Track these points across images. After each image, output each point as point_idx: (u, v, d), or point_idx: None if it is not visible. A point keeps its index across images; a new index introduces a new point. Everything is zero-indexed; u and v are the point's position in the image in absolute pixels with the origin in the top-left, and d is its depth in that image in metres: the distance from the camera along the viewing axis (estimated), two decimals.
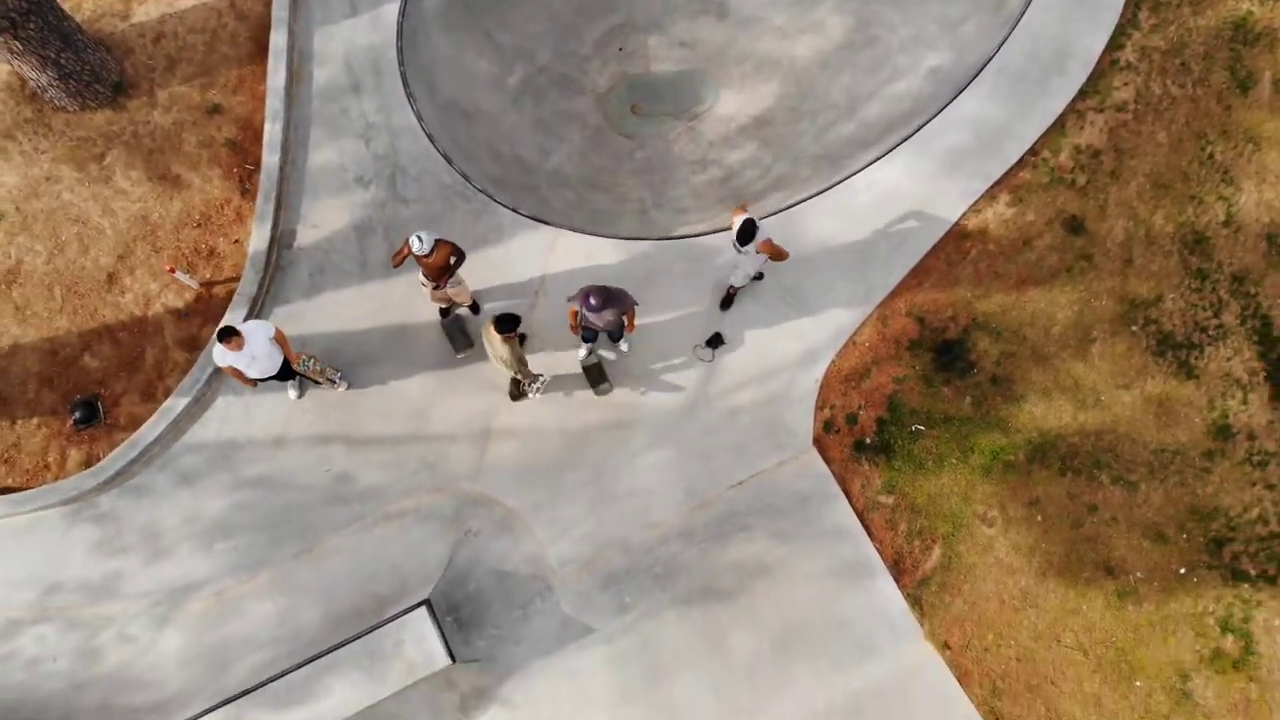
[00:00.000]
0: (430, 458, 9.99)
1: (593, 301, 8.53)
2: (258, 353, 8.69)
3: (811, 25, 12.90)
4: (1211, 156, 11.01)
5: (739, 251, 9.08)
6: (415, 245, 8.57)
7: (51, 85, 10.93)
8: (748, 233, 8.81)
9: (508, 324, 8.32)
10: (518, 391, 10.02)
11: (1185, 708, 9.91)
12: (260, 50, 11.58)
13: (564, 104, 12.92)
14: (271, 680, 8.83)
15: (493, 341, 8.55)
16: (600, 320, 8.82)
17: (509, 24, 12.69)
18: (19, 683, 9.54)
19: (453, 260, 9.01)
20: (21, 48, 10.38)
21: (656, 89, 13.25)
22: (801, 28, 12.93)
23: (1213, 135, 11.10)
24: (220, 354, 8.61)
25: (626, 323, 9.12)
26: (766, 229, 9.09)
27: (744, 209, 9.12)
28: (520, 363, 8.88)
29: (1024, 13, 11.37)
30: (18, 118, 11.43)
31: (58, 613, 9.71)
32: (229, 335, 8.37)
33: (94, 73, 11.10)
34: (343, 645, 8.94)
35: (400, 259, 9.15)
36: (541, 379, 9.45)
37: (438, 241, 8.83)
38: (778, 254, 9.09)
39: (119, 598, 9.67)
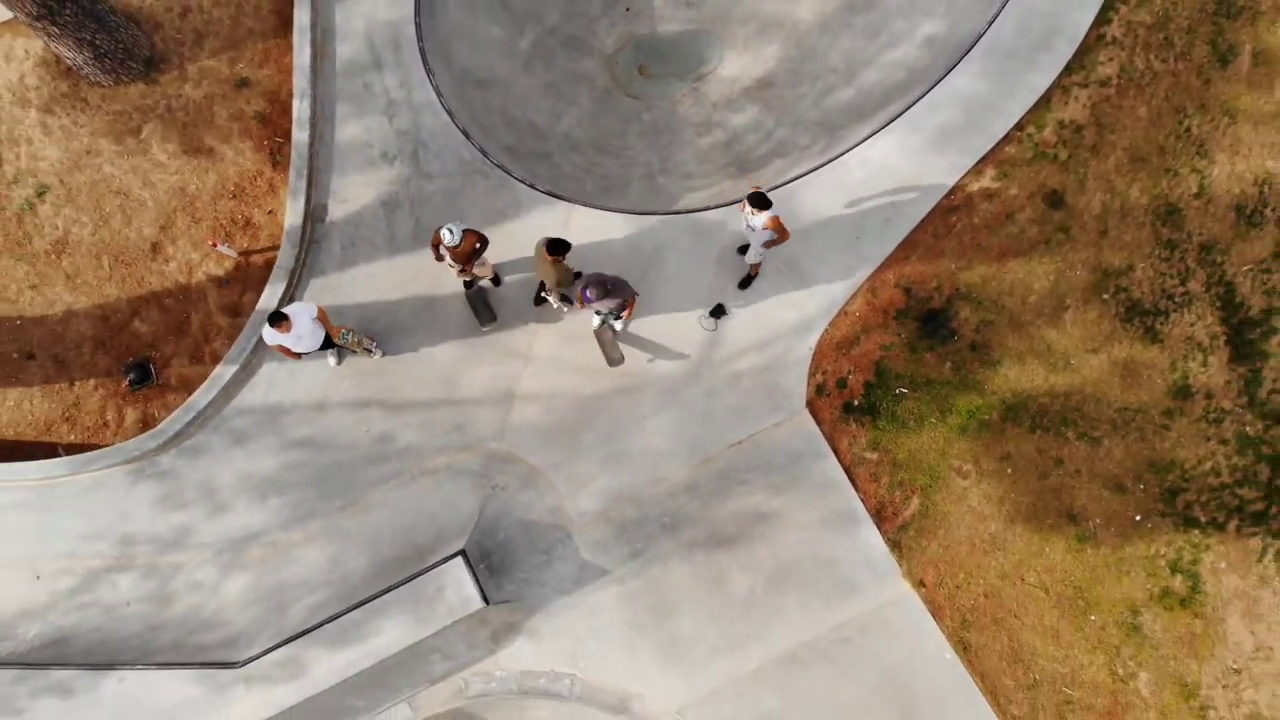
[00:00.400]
0: (459, 419, 11.02)
1: (589, 294, 9.43)
2: (303, 332, 9.59)
3: None
4: (1188, 130, 11.65)
5: (748, 225, 9.85)
6: (446, 238, 9.38)
7: (87, 64, 11.51)
8: (764, 201, 9.54)
9: (558, 248, 9.29)
10: (541, 299, 10.95)
11: (1135, 639, 11.19)
12: (283, 23, 12.07)
13: (573, 65, 13.43)
14: (328, 620, 10.08)
15: (544, 260, 9.48)
16: (601, 307, 9.72)
17: None
18: (96, 626, 10.78)
19: (478, 246, 9.82)
20: (59, 31, 10.93)
21: (662, 49, 13.73)
22: None
23: (1191, 109, 11.71)
24: (270, 335, 9.52)
25: (626, 310, 9.99)
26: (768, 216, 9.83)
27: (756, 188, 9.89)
28: (560, 284, 9.96)
29: None
30: (55, 93, 12.02)
31: (128, 562, 10.88)
32: (279, 320, 9.27)
33: (126, 49, 11.65)
34: (389, 590, 10.15)
35: (436, 250, 9.94)
36: (570, 308, 10.56)
37: (465, 231, 9.62)
38: (782, 231, 9.86)
39: (185, 548, 10.83)
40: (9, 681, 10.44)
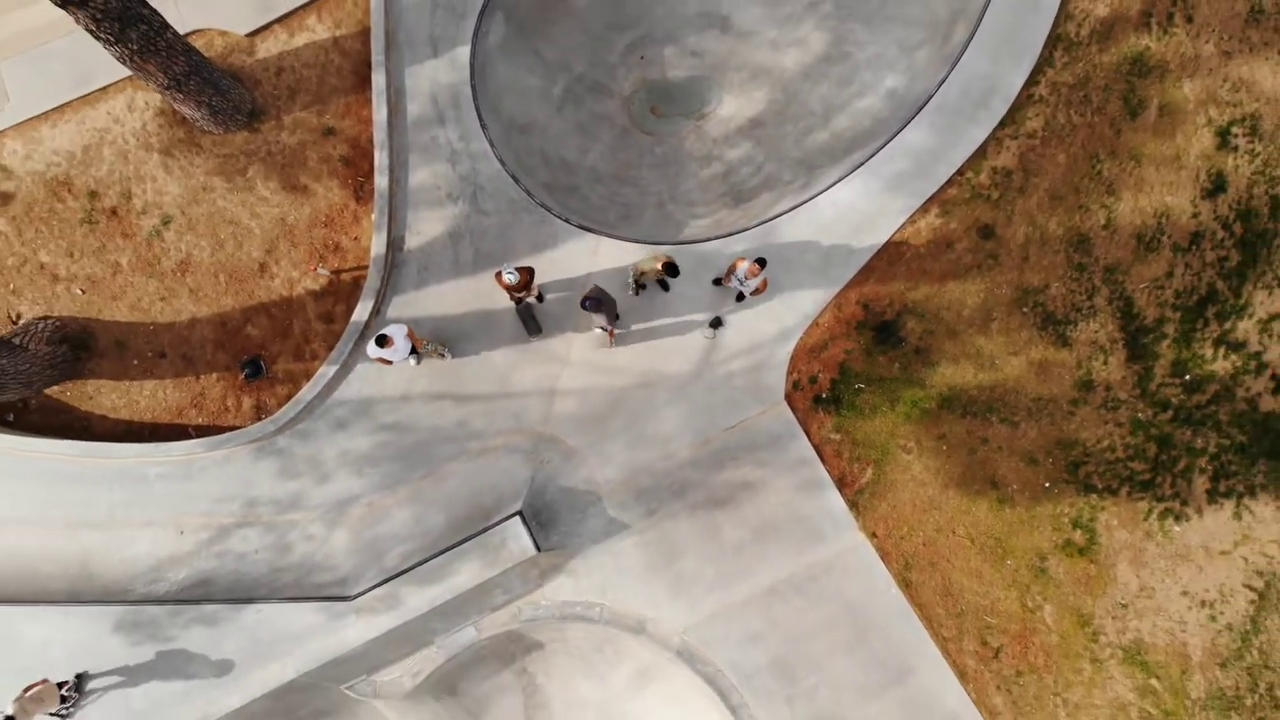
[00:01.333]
0: (514, 408, 14.02)
1: (586, 305, 12.42)
2: (399, 347, 12.52)
3: (797, 40, 15.88)
4: (1100, 173, 14.40)
5: (741, 278, 12.79)
6: (508, 279, 12.25)
7: (203, 118, 14.18)
8: (764, 262, 12.55)
9: (672, 270, 12.68)
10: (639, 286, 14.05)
11: (1042, 580, 14.31)
12: (361, 81, 14.72)
13: (597, 107, 16.07)
14: (417, 565, 13.22)
15: (647, 267, 12.99)
16: (596, 316, 12.72)
17: (552, 39, 15.66)
18: (232, 570, 13.91)
19: (531, 278, 12.68)
20: (184, 97, 13.59)
21: (671, 92, 16.36)
22: (789, 41, 15.91)
23: (1103, 155, 14.44)
24: (374, 350, 12.45)
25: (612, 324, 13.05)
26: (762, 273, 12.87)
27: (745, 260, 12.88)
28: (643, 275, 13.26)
29: (964, 52, 14.41)
30: (173, 138, 14.72)
31: (254, 519, 13.97)
32: (384, 341, 12.21)
33: (234, 105, 14.30)
34: (463, 541, 13.28)
35: (500, 282, 12.77)
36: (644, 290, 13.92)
37: (519, 269, 12.48)
38: (764, 286, 12.81)
39: (299, 509, 13.91)
40: (165, 615, 13.60)
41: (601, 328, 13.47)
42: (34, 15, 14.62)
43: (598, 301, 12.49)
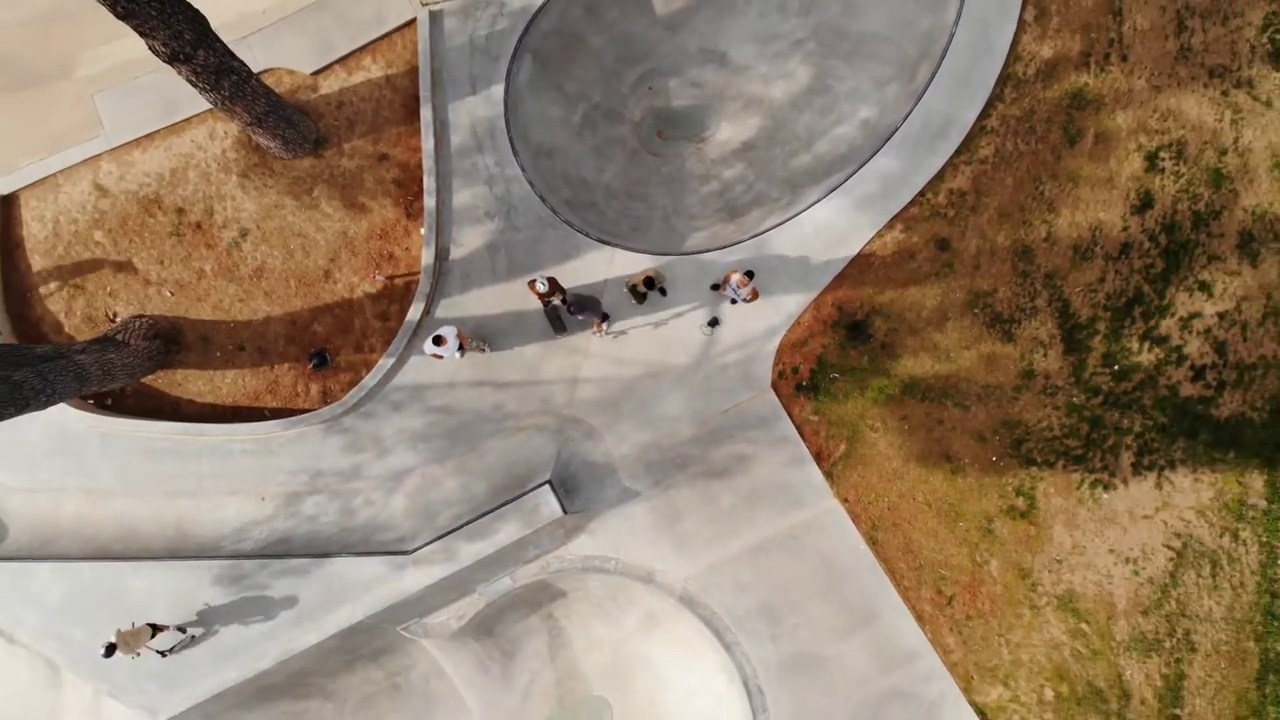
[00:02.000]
0: (543, 394, 16.63)
1: (572, 309, 15.02)
2: (450, 345, 15.11)
3: (785, 73, 18.31)
4: (1042, 193, 16.86)
5: (734, 288, 15.35)
6: (540, 287, 14.82)
7: (275, 146, 16.68)
8: (752, 274, 15.10)
9: (650, 284, 15.49)
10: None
11: (989, 539, 16.93)
12: (410, 114, 17.19)
13: (611, 132, 18.54)
14: (465, 524, 15.90)
15: (635, 280, 15.80)
16: (580, 316, 15.32)
17: (572, 75, 18.10)
18: (306, 530, 16.59)
19: (557, 286, 15.24)
20: (262, 130, 16.08)
21: (675, 118, 18.82)
22: (778, 75, 18.34)
23: (1045, 178, 16.90)
24: (430, 348, 15.05)
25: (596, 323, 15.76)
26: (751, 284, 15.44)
27: (737, 272, 15.40)
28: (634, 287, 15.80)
29: (927, 88, 16.84)
30: (249, 164, 17.22)
31: (325, 487, 16.64)
32: (440, 340, 14.79)
33: (302, 135, 16.79)
34: (503, 506, 15.95)
35: (533, 289, 15.32)
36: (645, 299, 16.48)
37: (548, 279, 15.04)
38: (755, 295, 15.39)
39: (362, 478, 16.57)
40: (251, 568, 16.29)
41: (593, 321, 16.08)
42: (124, 49, 16.98)
43: (580, 304, 15.03)
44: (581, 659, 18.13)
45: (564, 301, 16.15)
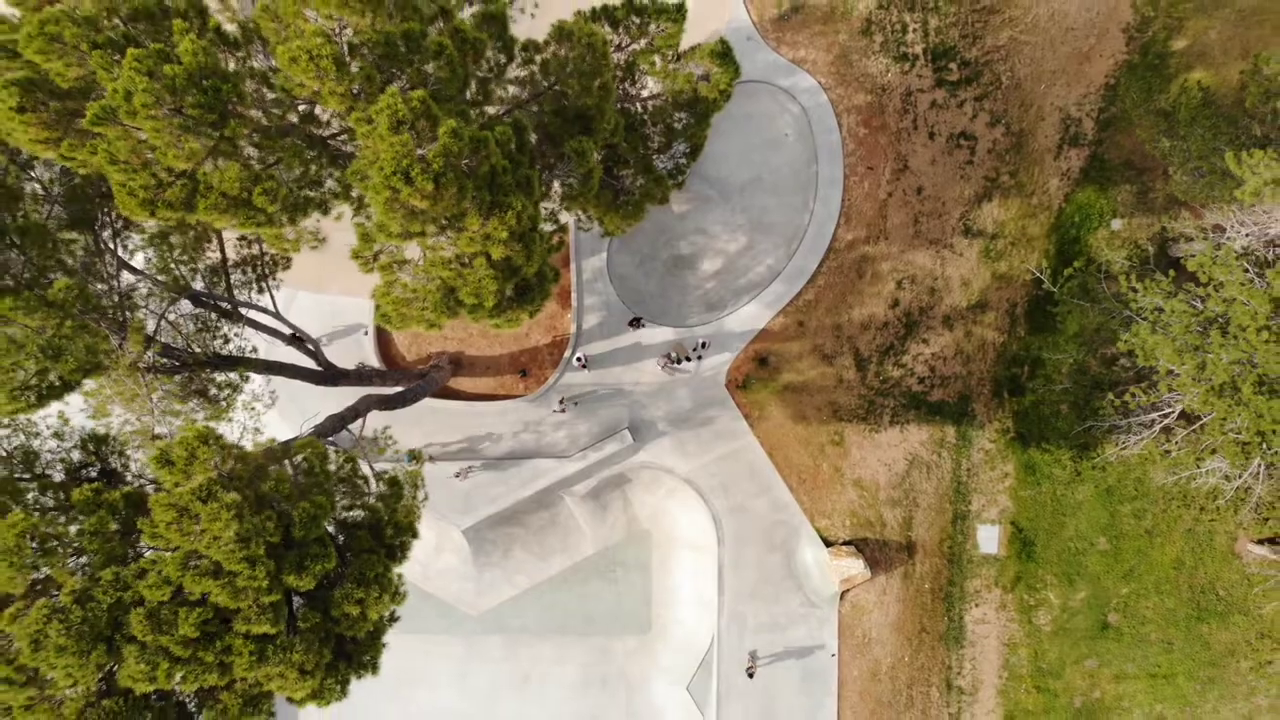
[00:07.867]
0: (626, 388, 37.96)
1: (578, 362, 36.33)
2: (586, 364, 36.45)
3: (734, 239, 39.39)
4: (846, 300, 37.96)
5: (671, 363, 36.70)
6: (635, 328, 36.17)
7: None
8: (705, 344, 36.37)
9: (637, 322, 36.36)
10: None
11: (822, 453, 38.08)
12: (564, 261, 38.41)
13: (650, 265, 39.72)
14: (594, 444, 37.31)
15: (672, 350, 36.70)
16: (584, 370, 36.65)
17: (635, 246, 39.21)
18: (522, 448, 38.13)
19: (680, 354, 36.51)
20: None
21: (681, 260, 40.01)
22: (729, 237, 39.44)
23: (849, 293, 38.01)
24: (575, 365, 36.40)
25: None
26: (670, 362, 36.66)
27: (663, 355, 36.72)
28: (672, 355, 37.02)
29: (795, 253, 37.83)
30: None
31: (527, 429, 38.14)
32: (581, 361, 36.15)
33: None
34: (607, 438, 37.30)
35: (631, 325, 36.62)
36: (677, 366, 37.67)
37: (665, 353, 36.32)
38: (683, 359, 36.83)
39: (544, 425, 38.04)
40: (501, 464, 37.83)
41: (581, 363, 37.28)
42: None
43: (583, 364, 36.28)
44: (637, 510, 39.35)
45: (668, 356, 37.36)
